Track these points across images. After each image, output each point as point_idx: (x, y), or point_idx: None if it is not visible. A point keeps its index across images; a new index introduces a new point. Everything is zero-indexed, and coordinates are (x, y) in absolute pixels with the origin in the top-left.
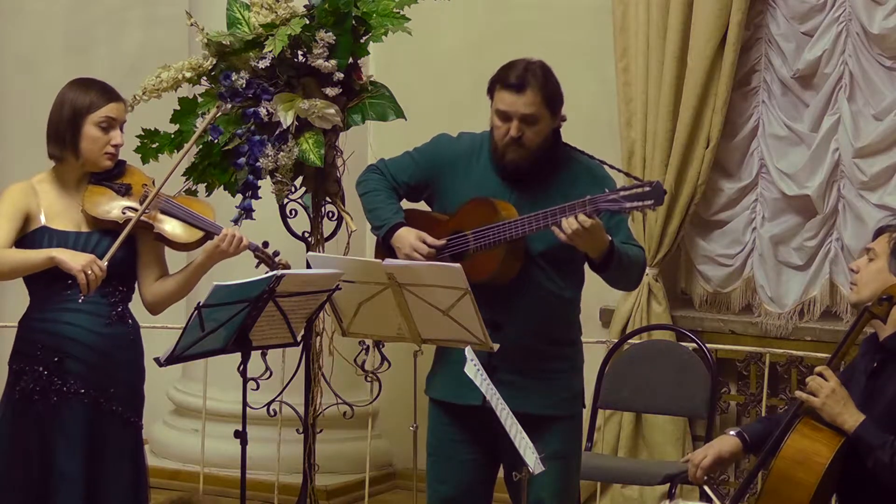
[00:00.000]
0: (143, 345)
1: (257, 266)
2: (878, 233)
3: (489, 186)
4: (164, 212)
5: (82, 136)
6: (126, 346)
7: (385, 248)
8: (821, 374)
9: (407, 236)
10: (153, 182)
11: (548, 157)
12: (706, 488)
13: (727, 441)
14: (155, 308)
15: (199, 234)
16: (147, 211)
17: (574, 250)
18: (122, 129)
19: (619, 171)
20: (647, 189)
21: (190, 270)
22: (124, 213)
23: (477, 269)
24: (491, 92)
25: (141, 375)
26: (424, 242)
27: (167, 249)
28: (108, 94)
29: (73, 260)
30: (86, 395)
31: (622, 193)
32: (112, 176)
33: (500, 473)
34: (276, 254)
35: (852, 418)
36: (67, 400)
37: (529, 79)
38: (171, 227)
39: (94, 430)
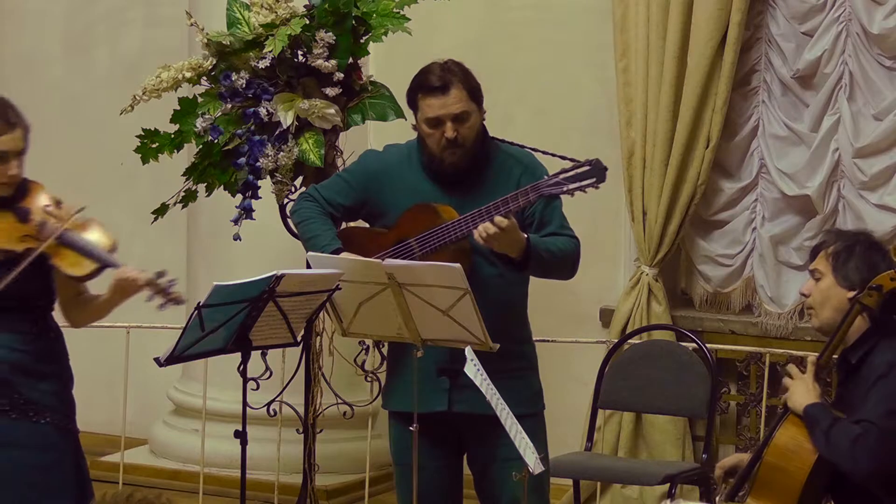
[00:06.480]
0: (68, 347)
1: (148, 300)
2: (815, 252)
3: (425, 193)
4: (62, 243)
5: None
6: (50, 359)
7: None
8: (800, 362)
9: None
10: (57, 203)
11: (480, 153)
12: (723, 487)
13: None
14: (75, 325)
15: (94, 265)
16: (45, 242)
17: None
18: (21, 157)
19: (546, 153)
20: (588, 168)
21: (99, 304)
22: (23, 241)
23: None
24: (413, 103)
25: (68, 383)
26: None
27: None
28: None
29: None
30: (12, 410)
31: (563, 176)
32: (14, 200)
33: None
34: (172, 283)
35: (808, 402)
36: None
37: (450, 77)
38: (67, 259)
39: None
